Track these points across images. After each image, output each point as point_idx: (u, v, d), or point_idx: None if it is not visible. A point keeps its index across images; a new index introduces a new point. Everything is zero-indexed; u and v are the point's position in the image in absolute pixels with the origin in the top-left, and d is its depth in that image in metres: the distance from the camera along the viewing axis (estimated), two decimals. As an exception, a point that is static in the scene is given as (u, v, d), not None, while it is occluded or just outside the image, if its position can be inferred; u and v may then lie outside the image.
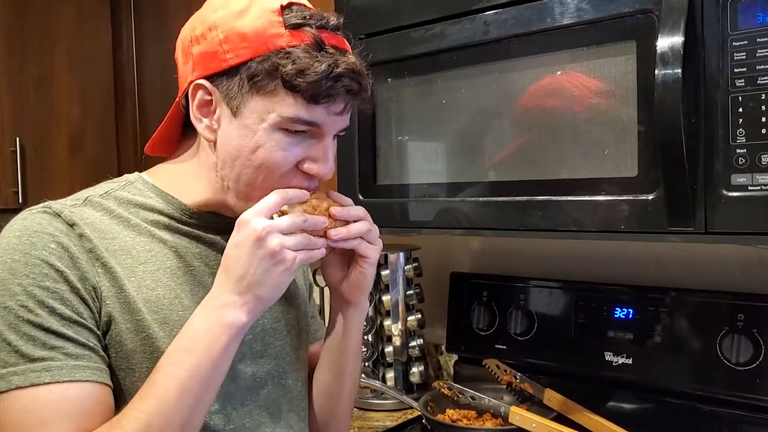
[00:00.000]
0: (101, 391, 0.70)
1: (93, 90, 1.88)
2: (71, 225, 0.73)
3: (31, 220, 0.73)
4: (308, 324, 0.99)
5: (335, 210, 0.78)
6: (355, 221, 0.80)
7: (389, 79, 1.15)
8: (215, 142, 0.77)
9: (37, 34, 1.78)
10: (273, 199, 0.73)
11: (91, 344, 0.71)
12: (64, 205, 0.76)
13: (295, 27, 0.72)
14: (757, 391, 1.09)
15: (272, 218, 0.73)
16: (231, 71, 0.73)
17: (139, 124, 1.89)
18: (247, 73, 0.72)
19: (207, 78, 0.75)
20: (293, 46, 0.71)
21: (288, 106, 0.72)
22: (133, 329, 0.73)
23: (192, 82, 0.76)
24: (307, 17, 0.73)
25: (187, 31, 0.79)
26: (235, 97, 0.74)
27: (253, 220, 0.71)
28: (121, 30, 1.90)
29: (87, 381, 0.69)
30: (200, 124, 0.77)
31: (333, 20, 0.75)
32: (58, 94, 1.83)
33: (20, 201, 1.75)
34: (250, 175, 0.75)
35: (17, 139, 1.74)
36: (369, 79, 0.76)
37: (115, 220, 0.77)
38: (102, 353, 0.72)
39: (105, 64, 1.90)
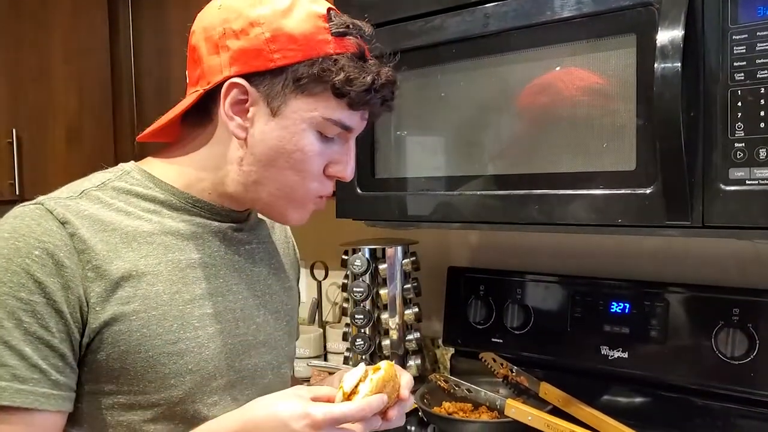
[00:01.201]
0: (41, 419, 0.69)
1: (90, 81, 1.88)
2: (63, 223, 0.72)
3: (21, 219, 0.72)
4: (297, 319, 1.00)
5: (406, 393, 0.79)
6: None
7: (388, 72, 1.15)
8: (245, 139, 0.77)
9: (33, 25, 1.77)
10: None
11: (44, 366, 0.69)
12: (58, 200, 0.75)
13: (340, 35, 0.75)
14: (751, 384, 1.09)
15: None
16: (276, 71, 0.74)
17: (136, 115, 1.88)
18: (294, 75, 0.74)
19: (246, 75, 0.74)
20: (339, 54, 0.75)
21: (332, 109, 0.76)
22: (126, 330, 0.72)
23: (229, 77, 0.74)
24: (350, 26, 0.76)
25: (216, 21, 0.76)
26: (276, 96, 0.74)
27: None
28: (118, 20, 1.89)
29: (23, 408, 0.67)
30: (232, 122, 0.76)
31: (368, 30, 0.79)
32: (55, 86, 1.82)
33: (17, 193, 1.75)
34: (285, 175, 0.77)
35: (13, 130, 1.74)
36: (399, 87, 0.81)
37: (114, 212, 0.76)
38: (56, 376, 0.70)
39: (102, 55, 1.89)
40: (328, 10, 0.77)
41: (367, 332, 1.49)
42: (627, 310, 1.24)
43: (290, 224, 0.87)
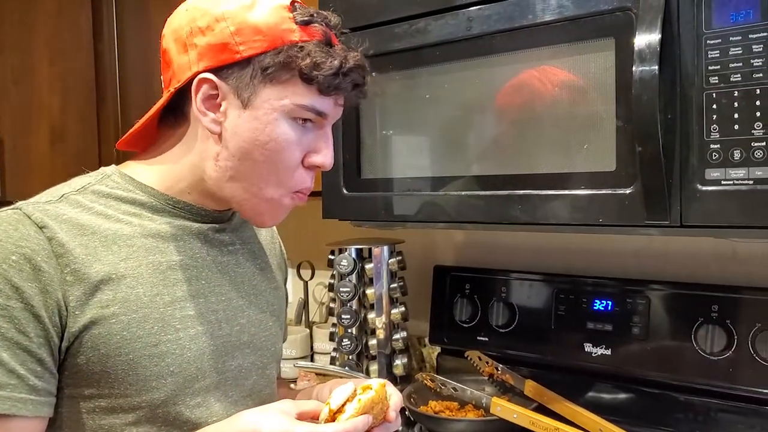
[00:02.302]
0: (19, 424, 0.69)
1: (74, 82, 1.86)
2: (41, 227, 0.71)
3: None
4: (285, 321, 1.00)
5: (393, 415, 0.79)
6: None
7: (374, 74, 1.16)
8: (220, 134, 0.77)
9: (16, 26, 1.76)
10: None
11: (21, 372, 0.69)
12: (37, 204, 0.75)
13: (305, 23, 0.76)
14: (730, 380, 1.12)
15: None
16: (243, 62, 0.75)
17: (120, 116, 1.87)
18: (261, 64, 0.74)
19: (215, 70, 0.75)
20: (305, 41, 0.75)
21: (302, 95, 0.75)
22: (106, 333, 0.72)
23: (198, 73, 0.75)
24: (314, 15, 0.77)
25: (184, 22, 0.78)
26: (246, 88, 0.75)
27: None
28: (102, 21, 1.88)
29: (0, 414, 0.67)
30: (205, 118, 0.77)
31: (333, 19, 0.79)
32: (38, 87, 1.81)
33: (0, 194, 1.74)
34: (262, 170, 0.77)
35: (-3, 131, 1.73)
36: (370, 73, 0.81)
37: (93, 217, 0.76)
38: (34, 381, 0.70)
39: (86, 56, 1.88)
40: (292, 1, 0.77)
41: (354, 332, 1.50)
42: (610, 308, 1.25)
43: (265, 226, 0.86)
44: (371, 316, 1.49)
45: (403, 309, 1.50)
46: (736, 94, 0.81)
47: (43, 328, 0.70)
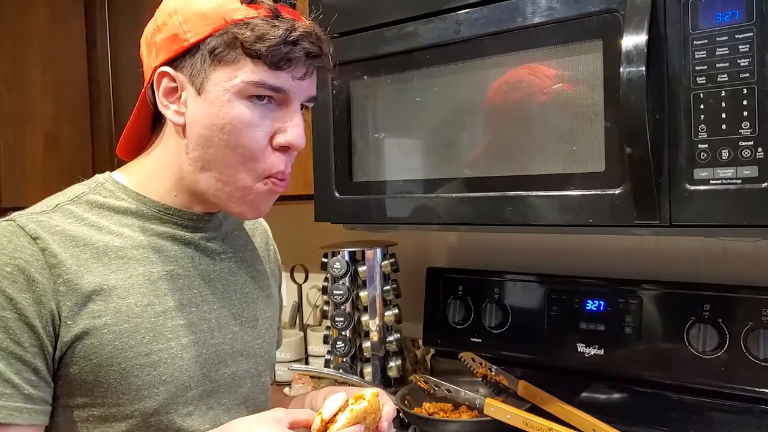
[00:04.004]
0: None
1: (67, 88, 1.86)
2: (35, 238, 0.72)
3: None
4: (279, 326, 1.00)
5: (384, 426, 0.78)
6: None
7: (365, 77, 1.17)
8: (184, 127, 0.77)
9: (9, 33, 1.76)
10: None
11: (16, 381, 0.69)
12: (30, 215, 0.75)
13: (250, 1, 0.74)
14: (723, 378, 1.12)
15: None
16: (192, 50, 0.75)
17: (114, 122, 1.87)
18: (208, 48, 0.74)
19: (170, 62, 0.76)
20: (251, 18, 0.73)
21: (252, 72, 0.73)
22: (98, 343, 0.73)
23: (156, 68, 0.77)
24: None
25: (150, 28, 0.81)
26: (198, 74, 0.75)
27: None
28: (95, 27, 1.88)
29: None
30: (168, 111, 0.77)
31: None
32: (32, 93, 1.81)
33: (-6, 201, 1.74)
34: (227, 156, 0.75)
35: (-10, 138, 1.73)
36: (329, 44, 0.77)
37: (86, 227, 0.77)
38: (29, 390, 0.70)
39: (79, 63, 1.88)
40: None
41: (348, 335, 1.50)
42: (602, 308, 1.26)
43: (247, 218, 0.83)
44: (365, 318, 1.49)
45: (396, 311, 1.50)
46: (723, 94, 0.82)
47: (38, 337, 0.70)
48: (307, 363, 1.74)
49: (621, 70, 0.84)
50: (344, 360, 1.49)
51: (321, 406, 0.76)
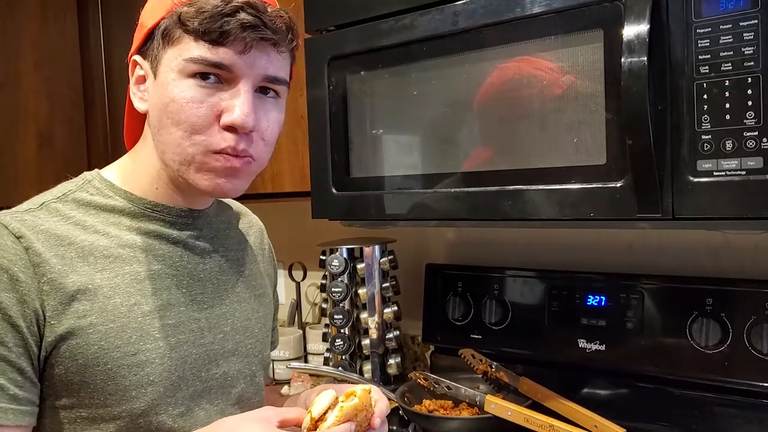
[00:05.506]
0: None
1: (61, 86, 1.85)
2: (18, 237, 0.71)
3: None
4: (274, 326, 0.99)
5: (377, 422, 0.76)
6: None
7: (361, 71, 1.15)
8: (148, 113, 0.78)
9: (1, 30, 1.74)
10: None
11: (1, 381, 0.68)
12: (15, 214, 0.74)
13: None
14: (725, 373, 1.11)
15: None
16: (151, 35, 0.76)
17: (109, 120, 1.86)
18: (160, 31, 0.74)
19: (139, 51, 0.78)
20: None
21: (191, 49, 0.72)
22: (84, 344, 0.72)
23: (129, 58, 0.79)
24: None
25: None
26: (155, 58, 0.75)
27: None
28: (88, 24, 1.87)
29: None
30: (135, 98, 0.78)
31: None
32: (25, 92, 1.79)
33: (-13, 200, 1.72)
34: (174, 134, 0.73)
35: (-18, 137, 1.71)
36: (281, 19, 0.73)
37: (71, 226, 0.75)
38: (15, 390, 0.69)
39: (72, 60, 1.86)
40: None
41: (347, 332, 1.48)
42: (603, 303, 1.25)
43: (216, 195, 0.79)
44: (364, 315, 1.48)
45: (395, 308, 1.49)
46: (727, 84, 0.80)
47: (22, 337, 0.69)
48: (306, 361, 1.73)
49: (622, 60, 0.82)
50: (343, 358, 1.48)
51: (311, 404, 0.74)
